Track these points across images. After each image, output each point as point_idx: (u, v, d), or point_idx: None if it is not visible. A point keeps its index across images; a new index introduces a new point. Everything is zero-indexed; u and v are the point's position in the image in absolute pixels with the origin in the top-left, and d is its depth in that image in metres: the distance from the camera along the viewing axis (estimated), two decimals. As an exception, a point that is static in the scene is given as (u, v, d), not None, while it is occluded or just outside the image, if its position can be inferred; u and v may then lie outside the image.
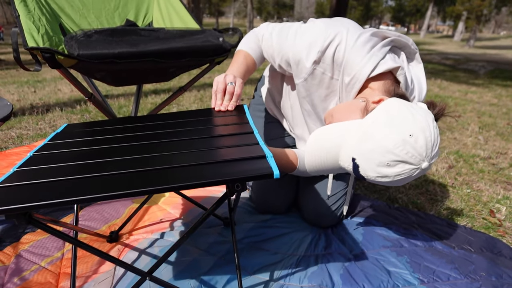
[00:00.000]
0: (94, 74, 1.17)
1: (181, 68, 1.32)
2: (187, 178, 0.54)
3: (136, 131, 0.81)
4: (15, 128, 2.19)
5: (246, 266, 1.00)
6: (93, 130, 0.84)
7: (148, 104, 2.95)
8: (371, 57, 0.82)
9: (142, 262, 1.00)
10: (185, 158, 0.62)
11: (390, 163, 0.70)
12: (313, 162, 0.84)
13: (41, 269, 0.96)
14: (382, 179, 0.73)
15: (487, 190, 1.58)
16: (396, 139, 0.69)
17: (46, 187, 0.55)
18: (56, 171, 0.61)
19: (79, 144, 0.75)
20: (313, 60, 0.87)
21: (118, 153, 0.67)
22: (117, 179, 0.55)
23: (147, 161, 0.62)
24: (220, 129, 0.78)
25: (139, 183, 0.53)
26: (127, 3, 1.48)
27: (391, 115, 0.72)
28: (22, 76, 4.42)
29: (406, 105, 0.74)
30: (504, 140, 2.37)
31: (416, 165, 0.70)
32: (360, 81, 0.84)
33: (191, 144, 0.70)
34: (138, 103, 1.52)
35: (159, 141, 0.73)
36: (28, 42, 0.99)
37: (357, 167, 0.74)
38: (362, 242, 1.14)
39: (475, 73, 6.50)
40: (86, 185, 0.54)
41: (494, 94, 4.17)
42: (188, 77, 4.32)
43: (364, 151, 0.72)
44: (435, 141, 0.71)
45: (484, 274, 1.00)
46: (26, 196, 0.52)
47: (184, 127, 0.81)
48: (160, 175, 0.56)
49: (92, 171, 0.59)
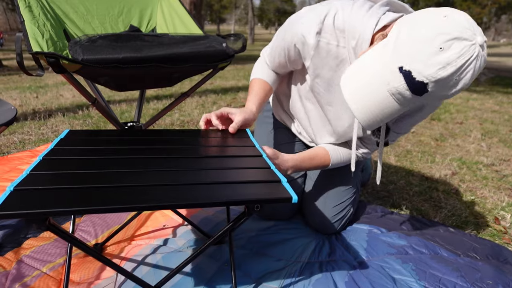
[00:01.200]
0: (98, 79, 1.17)
1: (185, 74, 1.32)
2: (208, 197, 0.55)
3: (147, 144, 0.82)
4: (18, 133, 2.19)
5: (249, 272, 0.98)
6: (106, 139, 0.84)
7: (150, 110, 2.95)
8: (372, 14, 0.82)
9: (143, 269, 0.99)
10: (202, 176, 0.64)
11: (443, 45, 0.60)
12: (362, 107, 0.71)
13: (43, 275, 0.95)
14: (446, 71, 0.61)
15: (491, 197, 1.57)
16: (434, 22, 0.62)
17: (62, 193, 0.55)
18: (70, 177, 0.61)
19: (95, 152, 0.75)
20: (315, 32, 0.88)
21: (136, 165, 0.68)
22: (136, 191, 0.56)
23: (164, 175, 0.63)
24: (228, 150, 0.80)
25: (160, 197, 0.54)
26: (130, 9, 1.49)
27: (413, 16, 0.67)
28: (24, 81, 4.44)
29: None
30: (507, 147, 2.36)
31: (471, 39, 0.60)
32: (367, 39, 0.82)
33: (203, 162, 0.71)
34: (141, 108, 1.52)
35: (177, 156, 0.74)
36: (32, 47, 0.99)
37: (409, 73, 0.63)
38: (367, 249, 1.13)
39: (476, 80, 6.52)
40: (104, 194, 0.54)
41: (495, 101, 4.17)
42: (190, 83, 4.33)
43: (408, 51, 0.63)
44: (470, 18, 0.63)
45: (491, 282, 0.98)
46: (45, 201, 0.52)
47: (193, 145, 0.83)
48: (181, 191, 0.56)
49: (111, 181, 0.59)
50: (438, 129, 2.69)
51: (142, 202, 0.52)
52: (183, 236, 1.15)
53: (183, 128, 2.45)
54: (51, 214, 0.49)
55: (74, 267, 0.98)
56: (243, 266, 1.01)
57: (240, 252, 1.07)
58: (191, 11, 6.10)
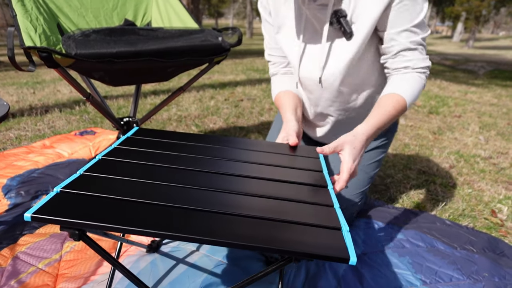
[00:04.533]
0: (92, 73, 1.16)
1: (180, 68, 1.31)
2: (247, 237, 0.46)
3: (211, 154, 0.75)
4: (14, 129, 2.18)
5: (247, 269, 0.98)
6: (168, 143, 0.79)
7: (147, 105, 2.94)
8: None
9: (142, 264, 0.99)
10: (252, 205, 0.55)
11: None
12: None
13: (39, 271, 0.95)
14: None
15: (488, 190, 1.57)
16: None
17: (104, 204, 0.51)
18: (121, 185, 0.58)
19: (156, 158, 0.70)
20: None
21: (188, 180, 0.62)
22: (172, 214, 0.51)
23: (210, 198, 0.57)
24: (292, 174, 0.69)
25: (194, 228, 0.48)
26: (125, 2, 1.47)
27: None
28: (21, 77, 4.41)
29: None
30: (504, 140, 2.36)
31: None
32: None
33: (260, 186, 0.62)
34: (137, 103, 1.51)
35: (230, 174, 0.67)
36: (25, 41, 0.98)
37: None
38: (363, 243, 1.13)
39: (475, 73, 6.50)
40: (143, 213, 0.50)
41: (494, 94, 4.16)
42: (187, 78, 4.31)
43: None
44: None
45: (486, 275, 0.99)
46: (83, 210, 0.49)
47: (257, 161, 0.74)
48: (219, 223, 0.50)
49: (154, 198, 0.55)
50: (436, 123, 2.69)
51: (181, 232, 0.46)
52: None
53: (180, 121, 2.44)
54: (85, 226, 0.46)
55: (71, 262, 0.98)
56: (241, 264, 1.00)
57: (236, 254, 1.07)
58: (189, 5, 6.06)
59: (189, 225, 0.48)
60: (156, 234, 0.46)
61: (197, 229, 0.47)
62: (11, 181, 1.41)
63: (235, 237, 0.46)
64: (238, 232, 0.47)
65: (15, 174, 1.47)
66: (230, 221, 0.50)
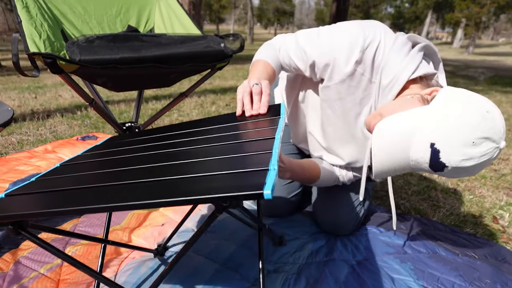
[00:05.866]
0: (95, 79, 1.16)
1: (183, 74, 1.32)
2: (174, 193, 0.47)
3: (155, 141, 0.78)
4: (16, 134, 2.19)
5: (247, 275, 0.98)
6: (134, 141, 0.82)
7: (149, 110, 2.95)
8: (411, 59, 0.81)
9: (142, 269, 0.99)
10: (187, 169, 0.57)
11: (476, 141, 0.65)
12: (380, 161, 0.76)
13: (40, 276, 0.95)
14: (467, 163, 0.66)
15: (489, 196, 1.57)
16: (477, 114, 0.65)
17: (46, 197, 0.53)
18: (67, 182, 0.60)
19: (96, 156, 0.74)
20: (355, 60, 0.85)
21: (138, 163, 0.64)
22: (109, 191, 0.53)
23: (154, 172, 0.58)
24: (238, 136, 0.68)
25: (123, 196, 0.49)
26: (129, 9, 1.48)
27: (460, 96, 0.69)
28: (23, 82, 4.43)
29: (463, 89, 0.72)
30: (506, 146, 2.37)
31: (497, 143, 0.65)
32: (401, 83, 0.81)
33: (202, 153, 0.63)
34: (139, 108, 1.52)
35: (172, 150, 0.68)
36: (30, 47, 0.99)
37: (438, 153, 0.67)
38: (365, 249, 1.13)
39: (475, 79, 6.52)
40: (83, 196, 0.52)
41: (494, 100, 4.17)
42: (189, 83, 4.33)
43: (446, 133, 0.66)
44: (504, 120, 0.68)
45: (489, 281, 0.98)
46: (23, 205, 0.50)
47: (204, 135, 0.75)
48: (155, 188, 0.51)
49: (98, 182, 0.57)
50: (437, 129, 2.69)
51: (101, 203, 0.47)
52: (182, 235, 1.15)
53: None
54: (24, 217, 0.47)
55: (72, 268, 0.98)
56: (241, 270, 1.00)
57: (240, 253, 1.07)
58: (190, 11, 6.10)
59: (124, 195, 0.49)
60: (95, 209, 0.47)
61: (131, 197, 0.48)
62: (13, 185, 1.42)
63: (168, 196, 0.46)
64: (175, 193, 0.47)
65: (17, 179, 1.47)
66: (167, 184, 0.51)
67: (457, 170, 0.68)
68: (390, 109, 0.78)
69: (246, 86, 0.80)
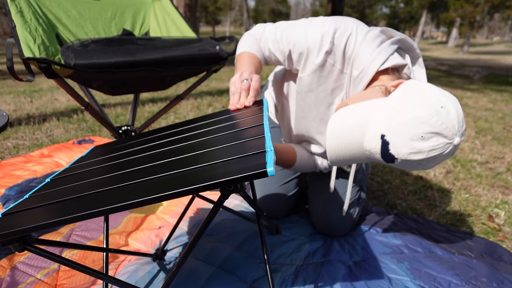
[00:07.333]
0: (90, 83, 1.16)
1: (178, 77, 1.32)
2: (172, 187, 0.48)
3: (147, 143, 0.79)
4: (12, 138, 2.18)
5: (244, 277, 0.98)
6: (121, 147, 0.84)
7: (145, 113, 2.95)
8: (381, 51, 0.83)
9: (139, 273, 0.98)
10: (183, 163, 0.58)
11: (425, 135, 0.65)
12: (334, 148, 0.77)
13: (37, 281, 0.94)
14: (415, 156, 0.67)
15: (485, 195, 1.58)
16: (429, 109, 0.65)
17: (45, 210, 0.54)
18: (64, 192, 0.61)
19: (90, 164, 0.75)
20: (325, 51, 0.88)
21: (130, 166, 0.65)
22: (97, 197, 0.53)
23: (148, 171, 0.59)
24: (229, 127, 0.71)
25: (116, 198, 0.50)
26: (123, 12, 1.48)
27: (418, 89, 0.69)
28: (19, 86, 4.41)
29: (429, 83, 0.72)
30: (500, 144, 2.38)
31: (450, 139, 0.65)
32: (370, 74, 0.84)
33: (193, 147, 0.64)
34: (135, 112, 1.52)
35: (166, 148, 0.70)
36: (24, 52, 0.98)
37: (387, 144, 0.68)
38: (362, 249, 1.13)
39: (470, 78, 6.56)
40: (81, 203, 0.53)
41: (489, 99, 4.20)
42: (185, 86, 4.33)
43: (395, 125, 0.67)
44: (463, 116, 0.68)
45: (485, 280, 0.99)
46: (23, 221, 0.51)
47: (193, 131, 0.78)
48: (153, 185, 0.52)
49: (93, 189, 0.58)
50: (433, 128, 2.71)
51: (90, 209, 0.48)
52: (179, 238, 1.15)
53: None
54: (26, 232, 0.48)
55: (69, 272, 0.98)
56: (238, 272, 1.00)
57: (237, 255, 1.07)
58: (186, 13, 6.10)
59: (125, 196, 0.50)
60: (94, 214, 0.47)
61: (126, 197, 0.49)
62: (9, 190, 1.41)
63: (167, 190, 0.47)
64: (170, 187, 0.49)
65: (13, 184, 1.46)
66: (169, 179, 0.52)
67: (408, 162, 0.69)
68: (354, 99, 0.79)
69: (238, 81, 0.85)
